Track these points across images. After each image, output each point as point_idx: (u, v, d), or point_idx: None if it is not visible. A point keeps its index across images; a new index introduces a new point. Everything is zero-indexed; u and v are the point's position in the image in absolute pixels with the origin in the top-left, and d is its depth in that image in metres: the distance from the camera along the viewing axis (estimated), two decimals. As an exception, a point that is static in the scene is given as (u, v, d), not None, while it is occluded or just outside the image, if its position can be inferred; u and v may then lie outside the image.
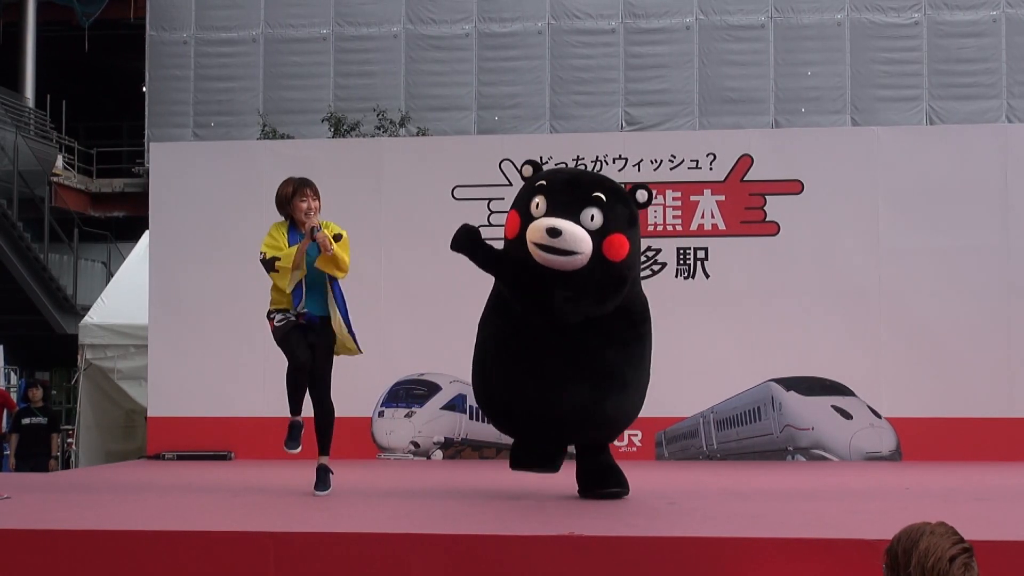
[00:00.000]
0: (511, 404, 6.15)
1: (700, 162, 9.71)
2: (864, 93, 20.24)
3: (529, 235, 5.81)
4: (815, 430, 9.52)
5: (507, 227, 6.07)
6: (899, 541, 3.01)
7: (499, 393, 6.20)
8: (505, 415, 6.30)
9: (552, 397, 5.95)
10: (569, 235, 5.71)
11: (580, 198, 5.87)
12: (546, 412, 6.00)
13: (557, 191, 5.91)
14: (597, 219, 5.81)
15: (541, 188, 5.94)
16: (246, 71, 21.43)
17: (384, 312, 9.73)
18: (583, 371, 5.97)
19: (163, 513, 5.70)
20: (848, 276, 9.54)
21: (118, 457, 11.34)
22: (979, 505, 6.02)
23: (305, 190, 6.47)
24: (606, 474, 6.26)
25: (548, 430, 6.16)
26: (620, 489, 6.22)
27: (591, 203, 5.84)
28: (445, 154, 10.27)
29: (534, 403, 6.01)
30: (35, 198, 19.92)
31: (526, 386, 6.01)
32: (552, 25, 20.97)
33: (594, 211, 5.82)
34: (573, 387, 5.95)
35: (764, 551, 4.44)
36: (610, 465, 6.31)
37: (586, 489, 6.28)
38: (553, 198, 5.85)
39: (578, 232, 5.74)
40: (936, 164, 9.62)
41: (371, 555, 4.58)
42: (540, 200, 5.87)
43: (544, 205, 5.85)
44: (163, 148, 11.30)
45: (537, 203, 5.87)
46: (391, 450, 9.86)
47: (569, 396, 5.94)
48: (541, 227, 5.75)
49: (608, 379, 6.02)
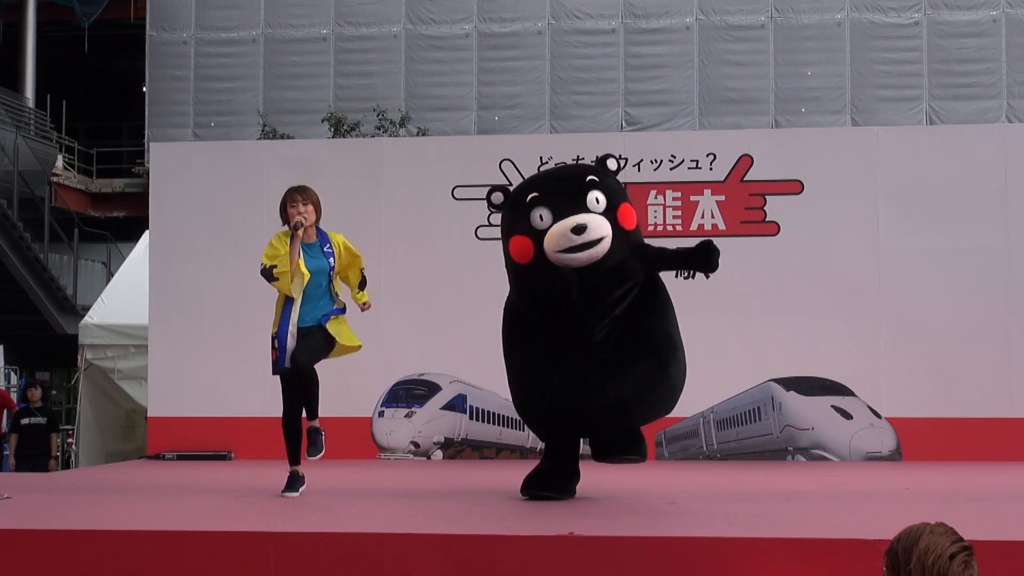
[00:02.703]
0: (576, 403, 5.87)
1: (700, 162, 9.71)
2: (864, 93, 20.23)
3: (550, 245, 5.73)
4: (815, 430, 9.53)
5: (518, 253, 5.90)
6: (899, 541, 3.03)
7: (561, 397, 5.89)
8: (571, 416, 5.97)
9: (618, 382, 5.78)
10: (593, 225, 5.73)
11: (577, 188, 5.86)
12: (614, 399, 5.80)
13: (553, 194, 5.87)
14: (601, 200, 5.83)
15: (535, 200, 5.86)
16: (246, 71, 21.42)
17: (384, 312, 9.71)
18: (637, 348, 5.86)
19: (163, 513, 5.69)
20: (848, 276, 9.54)
21: (118, 457, 11.34)
22: (979, 505, 6.02)
23: (295, 195, 6.43)
24: (631, 439, 6.12)
25: (617, 416, 5.96)
26: (639, 458, 6.13)
27: (588, 188, 5.86)
28: (445, 154, 10.27)
29: (599, 394, 5.79)
30: (35, 198, 19.92)
31: (590, 381, 5.80)
32: (552, 25, 20.96)
33: (596, 194, 5.84)
34: (636, 365, 5.81)
35: (764, 551, 4.44)
36: (636, 431, 6.16)
37: (606, 452, 6.13)
38: (553, 202, 5.82)
39: (597, 218, 5.76)
40: (936, 164, 9.62)
41: (371, 555, 4.58)
42: (542, 211, 5.82)
43: (548, 214, 5.80)
44: (163, 148, 11.31)
45: (540, 215, 5.82)
46: (391, 450, 9.86)
47: (635, 374, 5.79)
48: (564, 230, 5.72)
49: (663, 346, 5.93)
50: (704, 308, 9.53)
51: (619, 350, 5.88)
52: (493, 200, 6.10)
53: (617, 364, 5.84)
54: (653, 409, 6.14)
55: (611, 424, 6.05)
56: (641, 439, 6.18)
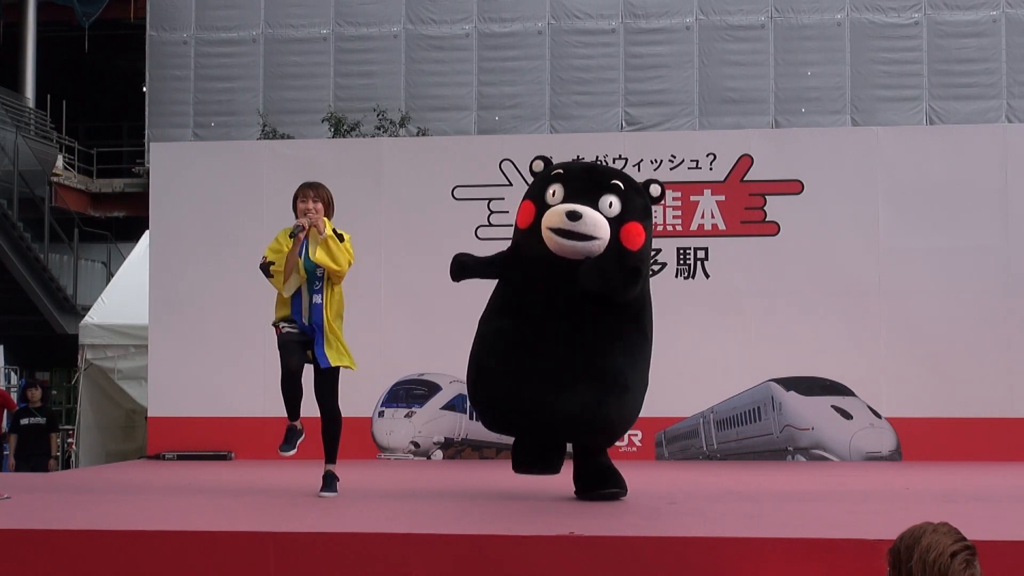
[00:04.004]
0: (508, 401, 5.98)
1: (700, 162, 9.71)
2: (864, 93, 20.24)
3: (546, 221, 5.78)
4: (815, 430, 9.53)
5: (520, 216, 6.04)
6: (902, 539, 3.03)
7: (496, 389, 6.02)
8: (501, 412, 6.10)
9: (552, 398, 5.81)
10: (589, 219, 5.71)
11: (598, 185, 5.87)
12: (544, 413, 5.86)
13: (574, 178, 5.91)
14: (615, 207, 5.81)
15: (557, 176, 5.94)
16: (246, 71, 21.43)
17: (384, 312, 9.74)
18: (587, 372, 5.84)
19: (163, 513, 5.69)
20: (848, 276, 9.54)
21: (118, 457, 11.34)
22: (979, 505, 6.02)
23: (307, 191, 6.41)
24: (605, 476, 6.16)
25: (545, 431, 6.06)
26: (619, 490, 6.15)
27: (609, 190, 5.85)
28: (445, 154, 10.27)
29: (532, 403, 5.86)
30: (35, 198, 19.92)
31: (526, 384, 5.86)
32: (552, 25, 20.97)
33: (612, 198, 5.82)
34: (575, 388, 5.81)
35: (764, 551, 4.44)
36: (608, 467, 6.20)
37: (584, 490, 6.19)
38: (570, 185, 5.85)
39: (598, 217, 5.74)
40: (936, 164, 9.62)
41: (371, 555, 4.58)
42: (557, 188, 5.87)
43: (561, 192, 5.84)
44: (163, 148, 11.31)
45: (554, 191, 5.87)
46: (391, 450, 9.86)
47: (571, 397, 5.80)
48: (560, 211, 5.74)
49: (612, 382, 5.89)
50: (704, 308, 9.56)
51: (564, 363, 5.84)
52: (534, 167, 6.24)
53: (554, 378, 5.82)
54: (582, 435, 6.11)
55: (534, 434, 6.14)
56: (617, 474, 6.18)
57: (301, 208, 6.37)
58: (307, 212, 6.32)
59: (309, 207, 6.33)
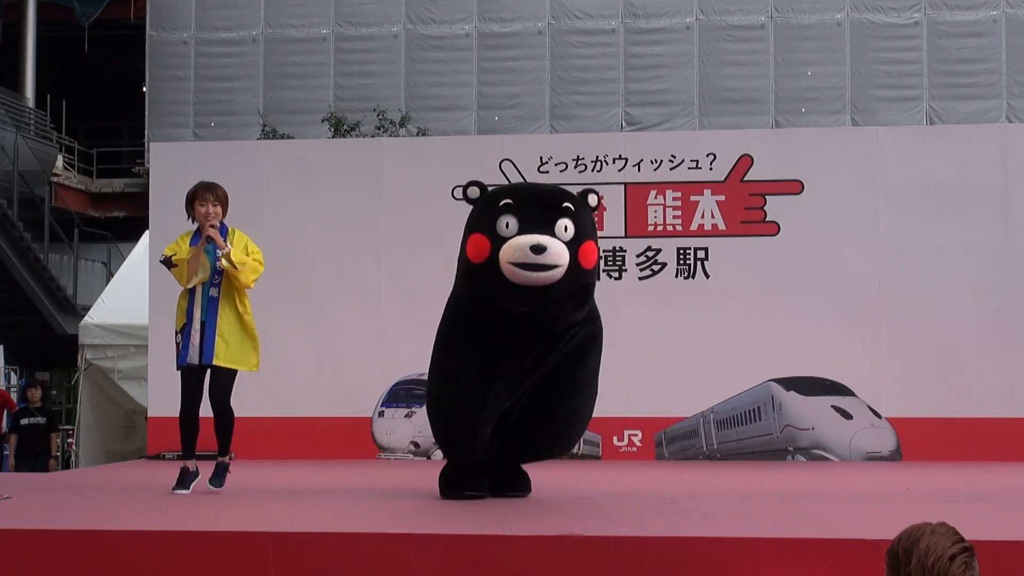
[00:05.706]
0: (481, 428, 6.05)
1: (700, 162, 9.71)
2: (864, 93, 20.24)
3: (505, 256, 5.69)
4: (815, 430, 9.53)
5: (471, 250, 5.89)
6: (900, 541, 3.02)
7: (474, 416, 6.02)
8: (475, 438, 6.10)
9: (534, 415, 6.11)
10: (553, 250, 5.66)
11: (551, 210, 5.82)
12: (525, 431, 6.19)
13: (526, 206, 5.82)
14: (570, 229, 5.78)
15: (507, 208, 5.82)
16: (246, 71, 21.43)
17: (384, 312, 9.73)
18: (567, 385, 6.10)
19: (163, 513, 5.69)
20: (848, 276, 9.54)
21: (118, 457, 11.33)
22: (979, 505, 6.02)
23: (206, 194, 6.46)
24: (522, 478, 6.43)
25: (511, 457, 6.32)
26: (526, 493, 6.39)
27: (562, 214, 5.81)
28: (445, 154, 10.26)
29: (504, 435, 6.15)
30: (35, 198, 19.92)
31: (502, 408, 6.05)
32: (552, 25, 20.97)
33: (566, 222, 5.79)
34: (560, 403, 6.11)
35: (764, 551, 4.44)
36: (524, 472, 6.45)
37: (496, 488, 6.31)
38: (524, 214, 5.77)
39: (559, 246, 5.70)
40: (936, 164, 9.62)
41: (371, 555, 4.58)
42: (510, 220, 5.76)
43: (515, 223, 5.75)
44: (163, 148, 11.31)
45: (507, 223, 5.77)
46: (391, 450, 9.86)
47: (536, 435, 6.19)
48: (523, 245, 5.66)
49: (581, 390, 6.19)
50: (704, 308, 9.56)
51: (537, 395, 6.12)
52: (469, 194, 6.15)
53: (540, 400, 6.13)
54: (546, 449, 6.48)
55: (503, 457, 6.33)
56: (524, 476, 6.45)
57: (200, 211, 6.42)
58: (207, 217, 6.42)
59: (209, 211, 6.41)
